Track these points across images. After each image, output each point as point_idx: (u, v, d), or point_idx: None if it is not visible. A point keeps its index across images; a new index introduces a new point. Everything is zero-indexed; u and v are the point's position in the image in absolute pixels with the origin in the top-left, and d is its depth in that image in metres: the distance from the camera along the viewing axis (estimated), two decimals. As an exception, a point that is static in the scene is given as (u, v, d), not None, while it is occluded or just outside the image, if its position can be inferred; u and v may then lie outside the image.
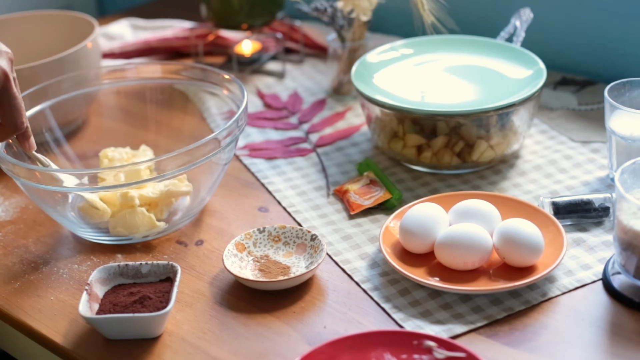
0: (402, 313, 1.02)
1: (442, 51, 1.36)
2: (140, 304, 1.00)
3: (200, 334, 1.01)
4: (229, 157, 1.19)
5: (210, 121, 1.41)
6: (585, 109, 1.40)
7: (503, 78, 1.28)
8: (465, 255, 1.03)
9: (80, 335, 1.02)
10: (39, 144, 1.25)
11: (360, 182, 1.23)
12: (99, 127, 1.43)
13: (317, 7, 1.47)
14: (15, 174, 1.10)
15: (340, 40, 1.49)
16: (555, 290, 1.03)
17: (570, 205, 1.14)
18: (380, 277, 1.07)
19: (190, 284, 1.08)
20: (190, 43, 1.65)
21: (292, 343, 0.98)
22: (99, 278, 1.04)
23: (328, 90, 1.52)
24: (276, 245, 1.12)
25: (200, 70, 1.30)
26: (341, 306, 1.04)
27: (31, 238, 1.19)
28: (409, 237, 1.07)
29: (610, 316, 1.00)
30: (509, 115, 1.22)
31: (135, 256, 1.14)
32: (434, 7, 1.33)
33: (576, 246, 1.10)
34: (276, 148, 1.36)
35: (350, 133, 1.39)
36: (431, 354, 0.92)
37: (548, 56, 1.37)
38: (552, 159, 1.28)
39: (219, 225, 1.19)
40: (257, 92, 1.54)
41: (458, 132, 1.23)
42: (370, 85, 1.28)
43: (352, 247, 1.13)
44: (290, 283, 1.05)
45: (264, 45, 1.65)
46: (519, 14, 1.38)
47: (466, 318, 1.00)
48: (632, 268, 0.99)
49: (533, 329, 0.98)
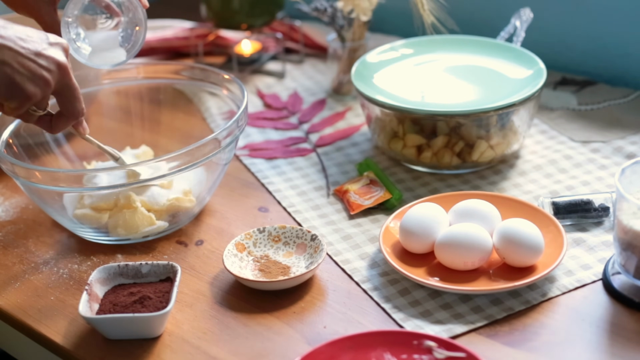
0: (402, 313, 1.02)
1: (442, 51, 1.36)
2: (140, 304, 1.00)
3: (200, 334, 1.01)
4: (229, 157, 1.19)
5: (210, 121, 1.41)
6: (585, 109, 1.40)
7: (503, 78, 1.28)
8: (465, 255, 1.03)
9: (80, 335, 1.02)
10: (39, 144, 1.25)
11: (360, 182, 1.23)
12: (99, 127, 1.42)
13: (317, 7, 1.47)
14: (15, 174, 1.10)
15: (340, 40, 1.49)
16: (555, 290, 1.03)
17: (570, 205, 1.14)
18: (380, 277, 1.07)
19: (190, 284, 1.08)
20: (190, 43, 1.65)
21: (292, 343, 0.98)
22: (99, 278, 1.04)
23: (328, 90, 1.52)
24: (276, 245, 1.12)
25: (200, 70, 1.30)
26: (341, 306, 1.04)
27: (31, 238, 1.19)
28: (409, 237, 1.07)
29: (610, 316, 1.00)
30: (509, 115, 1.22)
31: (135, 256, 1.14)
32: (434, 7, 1.33)
33: (576, 246, 1.10)
34: (276, 148, 1.36)
35: (350, 133, 1.39)
36: (431, 354, 0.92)
37: (548, 56, 1.37)
38: (552, 159, 1.28)
39: (219, 225, 1.19)
40: (257, 92, 1.54)
41: (458, 132, 1.23)
42: (370, 85, 1.28)
43: (352, 247, 1.13)
44: (290, 283, 1.05)
45: (264, 45, 1.65)
46: (519, 14, 1.38)
47: (466, 318, 1.00)
48: (632, 268, 0.99)
49: (533, 329, 0.98)
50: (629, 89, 1.43)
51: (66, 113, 1.02)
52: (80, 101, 1.02)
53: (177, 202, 1.15)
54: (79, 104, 1.02)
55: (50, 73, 0.96)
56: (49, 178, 1.08)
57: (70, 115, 1.03)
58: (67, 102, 1.01)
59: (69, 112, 1.02)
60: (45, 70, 0.96)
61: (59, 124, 1.03)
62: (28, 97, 0.96)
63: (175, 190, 1.17)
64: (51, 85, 0.97)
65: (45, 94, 0.98)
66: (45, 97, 0.99)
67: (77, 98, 1.01)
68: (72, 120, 1.04)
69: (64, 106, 1.02)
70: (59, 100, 1.01)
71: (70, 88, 1.00)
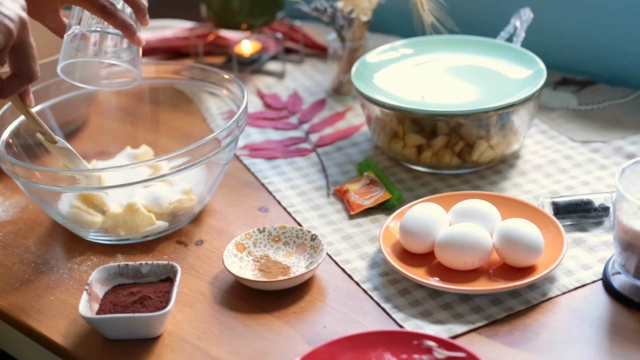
0: (402, 313, 1.02)
1: (442, 51, 1.36)
2: (140, 304, 1.00)
3: (200, 334, 1.01)
4: (229, 157, 1.19)
5: (210, 121, 1.41)
6: (585, 109, 1.40)
7: (503, 78, 1.28)
8: (465, 255, 1.03)
9: (80, 335, 1.02)
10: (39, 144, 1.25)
11: (360, 182, 1.23)
12: (99, 127, 1.43)
13: (317, 7, 1.47)
14: (15, 174, 1.10)
15: (340, 40, 1.49)
16: (555, 290, 1.03)
17: (570, 205, 1.14)
18: (380, 277, 1.07)
19: (190, 284, 1.08)
20: (190, 43, 1.65)
21: (292, 343, 0.98)
22: (99, 278, 1.04)
23: (328, 90, 1.52)
24: (276, 245, 1.12)
25: (200, 70, 1.30)
26: (341, 306, 1.04)
27: (31, 238, 1.19)
28: (409, 237, 1.07)
29: (610, 316, 1.00)
30: (509, 115, 1.22)
31: (135, 256, 1.14)
32: (433, 7, 1.33)
33: (576, 246, 1.10)
34: (276, 148, 1.36)
35: (350, 133, 1.39)
36: (431, 354, 0.92)
37: (548, 56, 1.37)
38: (552, 159, 1.28)
39: (219, 225, 1.19)
40: (257, 92, 1.54)
41: (458, 132, 1.23)
42: (370, 85, 1.28)
43: (352, 247, 1.13)
44: (290, 283, 1.05)
45: (264, 45, 1.65)
46: (519, 14, 1.38)
47: (466, 318, 1.00)
48: (632, 268, 0.99)
49: (533, 329, 0.98)
50: (629, 89, 1.43)
51: (20, 74, 0.98)
52: (36, 61, 0.97)
53: (179, 203, 1.15)
54: (35, 64, 0.97)
55: (13, 23, 0.92)
56: (49, 178, 1.08)
57: (24, 77, 0.98)
58: (23, 60, 0.96)
59: (24, 72, 0.97)
60: (8, 19, 0.92)
61: (12, 86, 0.98)
62: None
63: (176, 190, 1.17)
64: (13, 35, 0.93)
65: (7, 45, 0.93)
66: (4, 48, 0.94)
67: (34, 57, 0.97)
68: (26, 83, 0.99)
69: (20, 66, 0.97)
70: (14, 59, 0.97)
71: (28, 45, 0.96)
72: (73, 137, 1.37)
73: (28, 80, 0.98)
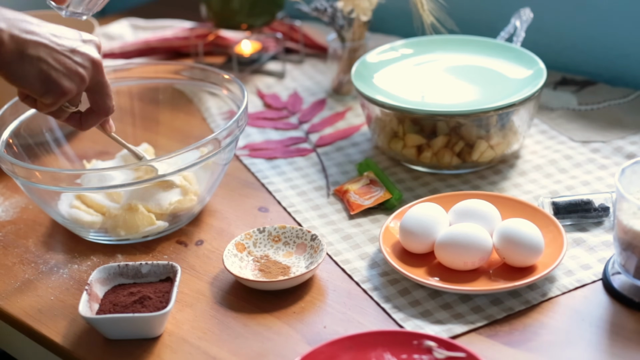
0: (402, 313, 1.02)
1: (442, 51, 1.36)
2: (140, 304, 1.00)
3: (200, 334, 1.01)
4: (229, 157, 1.19)
5: (211, 121, 1.41)
6: (585, 109, 1.40)
7: (503, 78, 1.28)
8: (465, 255, 1.03)
9: (80, 335, 1.02)
10: (39, 144, 1.25)
11: (360, 182, 1.23)
12: (98, 127, 1.43)
13: (317, 7, 1.47)
14: (15, 174, 1.10)
15: (340, 40, 1.49)
16: (555, 290, 1.03)
17: (570, 205, 1.14)
18: (380, 277, 1.07)
19: (190, 284, 1.09)
20: (190, 43, 1.65)
21: (292, 343, 0.98)
22: (99, 278, 1.04)
23: (328, 90, 1.52)
24: (276, 245, 1.12)
25: (200, 70, 1.30)
26: (341, 306, 1.04)
27: (31, 238, 1.19)
28: (409, 237, 1.07)
29: (610, 316, 1.00)
30: (509, 115, 1.22)
31: (135, 256, 1.14)
32: (433, 7, 1.33)
33: (576, 246, 1.10)
34: (276, 148, 1.36)
35: (350, 133, 1.39)
36: (431, 354, 0.92)
37: (548, 56, 1.37)
38: (552, 159, 1.28)
39: (219, 225, 1.19)
40: (257, 92, 1.54)
41: (458, 132, 1.23)
42: (370, 85, 1.28)
43: (352, 247, 1.13)
44: (290, 283, 1.05)
45: (264, 45, 1.65)
46: (519, 14, 1.38)
47: (466, 318, 1.00)
48: (632, 268, 0.99)
49: (533, 329, 0.98)
50: (629, 89, 1.43)
51: (97, 109, 1.04)
52: (111, 98, 1.04)
53: (179, 204, 1.15)
54: (110, 100, 1.04)
55: (85, 69, 0.98)
56: (49, 178, 1.08)
57: (100, 112, 1.04)
58: (99, 98, 1.03)
59: (100, 108, 1.04)
60: (80, 66, 0.98)
61: (89, 121, 1.05)
62: (63, 92, 0.97)
63: (176, 190, 1.17)
64: (86, 81, 0.99)
65: (80, 90, 0.99)
66: (79, 93, 1.01)
67: (109, 95, 1.03)
68: (102, 117, 1.05)
69: (96, 103, 1.03)
70: (91, 97, 1.03)
71: (102, 85, 1.02)
72: (73, 137, 1.37)
73: (104, 115, 1.05)
